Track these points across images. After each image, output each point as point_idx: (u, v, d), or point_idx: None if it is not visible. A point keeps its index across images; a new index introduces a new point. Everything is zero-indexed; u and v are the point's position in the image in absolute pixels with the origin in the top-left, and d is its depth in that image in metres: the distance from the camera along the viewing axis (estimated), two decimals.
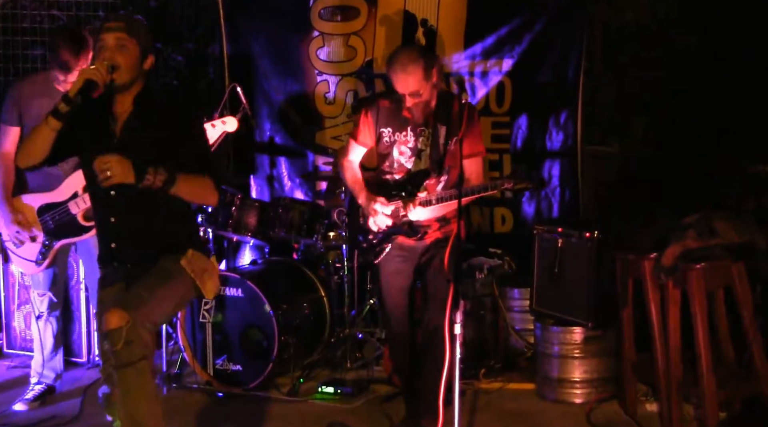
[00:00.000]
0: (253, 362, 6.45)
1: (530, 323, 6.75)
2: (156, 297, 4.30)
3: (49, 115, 4.25)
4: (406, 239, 5.34)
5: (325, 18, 8.07)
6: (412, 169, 5.30)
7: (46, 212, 5.90)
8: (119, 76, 4.27)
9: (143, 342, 4.19)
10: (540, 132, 7.44)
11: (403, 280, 5.46)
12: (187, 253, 4.47)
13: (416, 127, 5.28)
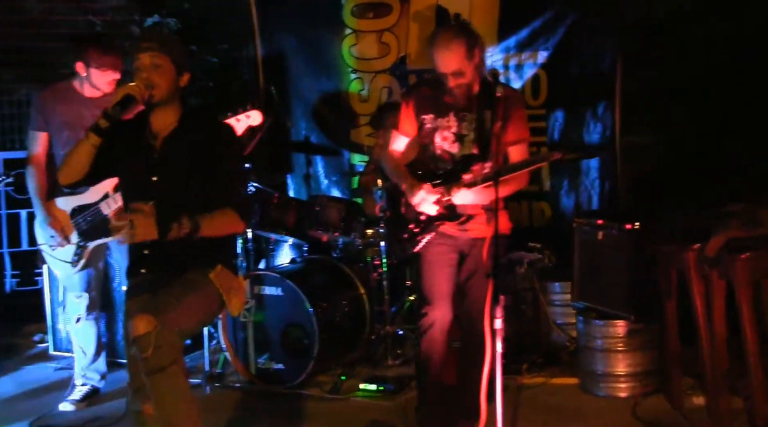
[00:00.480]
0: (295, 361, 6.45)
1: (572, 317, 6.70)
2: (183, 304, 4.31)
3: (89, 131, 4.31)
4: (449, 229, 5.23)
5: (358, 15, 8.07)
6: (457, 154, 5.18)
7: (79, 214, 5.94)
8: (158, 93, 4.33)
9: (172, 346, 4.20)
10: (577, 124, 7.38)
11: (446, 265, 5.28)
12: (216, 268, 4.48)
13: (459, 111, 5.15)
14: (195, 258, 4.46)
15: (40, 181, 6.10)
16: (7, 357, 7.59)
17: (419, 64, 7.81)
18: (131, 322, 4.19)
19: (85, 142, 4.34)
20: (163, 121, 4.47)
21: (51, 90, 6.17)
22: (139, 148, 4.43)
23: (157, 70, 4.33)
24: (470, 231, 5.21)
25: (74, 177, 4.46)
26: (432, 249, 5.29)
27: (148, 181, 4.36)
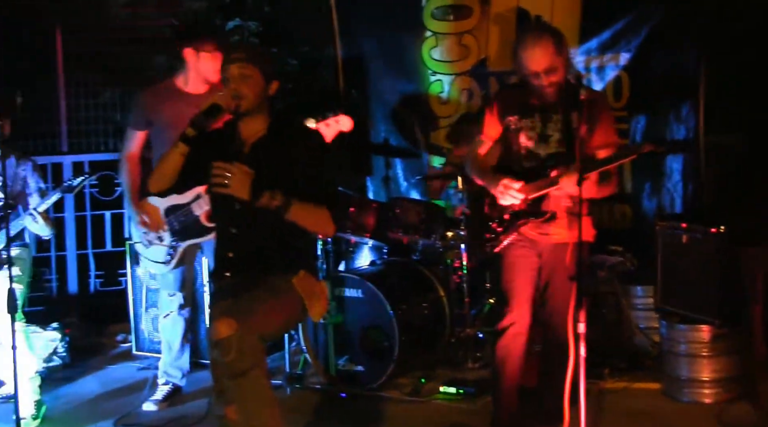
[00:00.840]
0: (375, 363, 6.46)
1: (654, 321, 6.61)
2: (265, 309, 4.35)
3: (178, 140, 4.39)
4: (531, 232, 5.22)
5: (438, 17, 8.06)
6: (542, 154, 5.16)
7: (172, 214, 6.02)
8: (245, 104, 4.39)
9: (254, 350, 4.23)
10: (660, 126, 7.28)
11: (527, 268, 5.26)
12: (299, 273, 4.51)
13: (544, 112, 5.14)
14: (278, 263, 4.50)
15: (133, 180, 6.20)
16: (91, 357, 7.71)
17: (499, 66, 7.78)
18: (213, 325, 4.23)
19: (174, 151, 4.41)
20: (252, 128, 4.52)
21: (154, 89, 6.26)
22: (227, 155, 4.47)
23: (246, 81, 4.39)
24: (552, 236, 5.19)
25: (163, 185, 4.55)
26: (513, 251, 5.29)
27: None
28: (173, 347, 6.43)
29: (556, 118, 5.11)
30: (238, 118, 4.49)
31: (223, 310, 4.36)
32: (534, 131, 5.17)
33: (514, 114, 5.23)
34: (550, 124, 5.13)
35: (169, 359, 6.44)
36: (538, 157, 5.17)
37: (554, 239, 5.18)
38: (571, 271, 4.66)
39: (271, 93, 4.51)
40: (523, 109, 5.20)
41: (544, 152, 5.15)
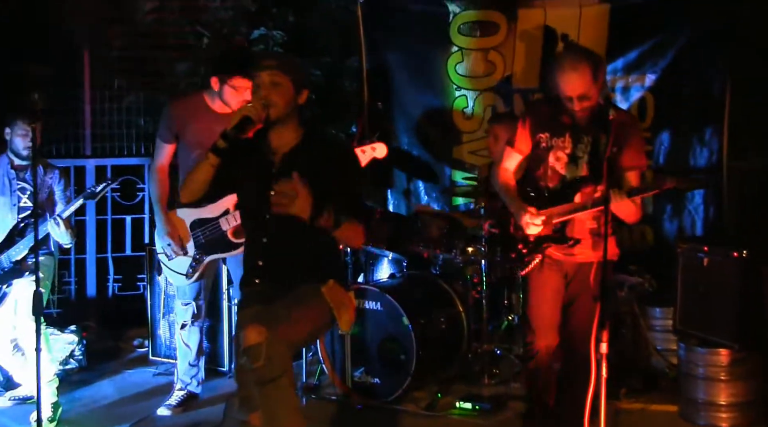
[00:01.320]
0: (391, 375, 6.46)
1: (672, 343, 6.59)
2: (294, 317, 4.36)
3: (209, 152, 4.39)
4: (556, 252, 5.22)
5: (465, 33, 8.08)
6: (567, 176, 5.16)
7: (198, 227, 6.03)
8: (275, 112, 4.38)
9: (283, 358, 4.24)
10: (683, 148, 7.29)
11: (554, 292, 5.27)
12: (328, 282, 4.52)
13: (575, 132, 5.13)
14: (308, 272, 4.51)
15: (163, 191, 6.22)
16: (108, 360, 7.73)
17: (525, 83, 7.80)
18: (243, 332, 4.24)
19: (205, 163, 4.42)
20: (282, 137, 4.52)
21: (183, 103, 6.24)
22: (258, 164, 4.50)
23: (276, 89, 4.39)
24: (577, 255, 5.19)
25: (195, 196, 4.56)
26: (540, 274, 5.28)
27: (265, 195, 4.36)
28: (188, 355, 6.44)
29: (587, 140, 5.11)
30: (269, 127, 4.49)
31: (252, 317, 4.37)
32: (564, 152, 5.17)
33: (546, 131, 5.22)
34: (581, 145, 5.13)
35: (184, 367, 6.45)
36: (563, 179, 5.18)
37: (579, 258, 5.19)
38: (595, 291, 4.66)
39: (301, 102, 4.50)
40: (555, 127, 5.19)
41: (572, 174, 5.15)
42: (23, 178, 6.42)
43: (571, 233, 5.16)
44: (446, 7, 8.11)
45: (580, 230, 5.16)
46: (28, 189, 6.41)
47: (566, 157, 5.16)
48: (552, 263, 5.25)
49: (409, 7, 8.33)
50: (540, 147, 5.24)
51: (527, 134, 5.29)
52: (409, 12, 8.31)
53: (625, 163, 5.05)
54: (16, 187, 6.41)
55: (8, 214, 6.38)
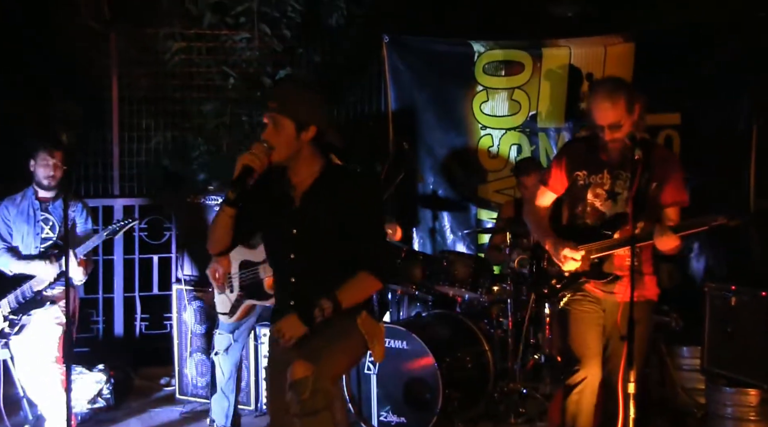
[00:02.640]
0: (417, 415, 6.45)
1: (700, 382, 6.56)
2: (335, 351, 4.38)
3: (223, 204, 4.37)
4: (594, 289, 5.19)
5: (489, 73, 8.13)
6: (607, 213, 5.14)
7: (245, 268, 6.03)
8: (276, 155, 4.31)
9: (327, 392, 4.26)
10: (709, 186, 7.26)
11: (595, 324, 5.19)
12: (362, 314, 4.51)
13: (613, 169, 5.11)
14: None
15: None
16: (135, 399, 7.75)
17: (550, 122, 7.84)
18: (290, 367, 4.26)
19: (222, 214, 4.39)
20: (300, 173, 4.45)
21: None
22: (279, 201, 4.49)
23: (276, 131, 4.32)
24: (616, 294, 5.13)
25: (221, 246, 4.53)
26: (580, 307, 5.23)
27: (289, 235, 4.38)
28: (219, 387, 6.41)
29: (625, 176, 5.07)
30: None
31: (294, 353, 4.38)
32: (603, 188, 5.14)
33: (583, 169, 5.20)
34: (619, 181, 5.09)
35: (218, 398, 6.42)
36: (603, 215, 5.15)
37: (618, 297, 5.11)
38: (623, 330, 4.64)
39: (307, 139, 4.34)
40: (593, 164, 5.17)
41: (611, 211, 5.12)
42: (46, 210, 6.53)
43: (610, 269, 5.13)
44: (471, 47, 8.17)
45: (619, 266, 5.12)
46: (50, 220, 6.50)
47: (605, 194, 5.14)
48: (592, 298, 5.21)
49: (434, 46, 8.40)
50: (578, 185, 5.22)
51: (563, 173, 5.27)
52: (434, 51, 8.38)
53: (666, 200, 5.03)
54: (39, 218, 6.50)
55: (32, 244, 6.46)
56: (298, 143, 4.33)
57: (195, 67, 9.27)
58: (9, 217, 6.55)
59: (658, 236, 4.85)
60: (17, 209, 6.54)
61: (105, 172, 9.10)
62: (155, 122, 9.26)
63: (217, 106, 9.26)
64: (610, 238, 5.06)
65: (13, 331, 6.36)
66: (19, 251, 6.49)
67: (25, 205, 6.54)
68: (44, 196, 6.55)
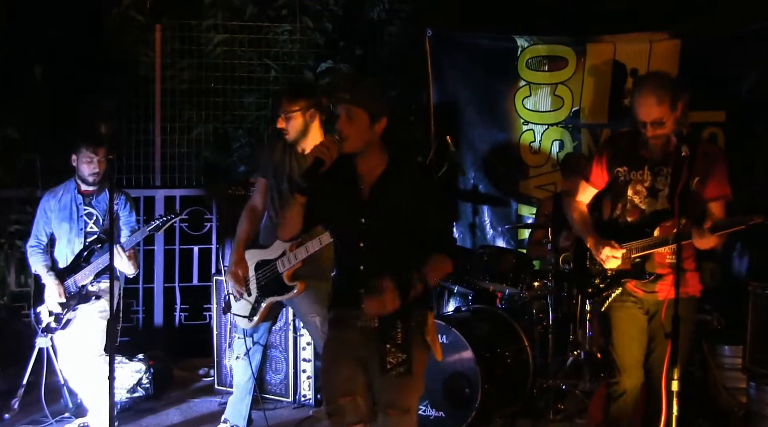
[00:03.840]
0: (456, 410, 6.44)
1: (742, 381, 6.49)
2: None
3: (295, 191, 4.44)
4: (636, 288, 5.16)
5: (533, 68, 8.10)
6: (647, 210, 5.10)
7: (261, 269, 6.02)
8: (349, 145, 4.38)
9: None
10: (753, 183, 7.20)
11: (638, 330, 5.18)
12: (429, 317, 4.54)
13: (654, 165, 5.07)
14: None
15: (246, 229, 6.12)
16: (174, 389, 7.81)
17: (593, 118, 7.80)
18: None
19: (294, 203, 4.45)
20: (369, 164, 4.49)
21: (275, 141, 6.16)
22: (347, 191, 4.54)
23: (350, 122, 4.37)
24: (658, 293, 5.09)
25: (293, 232, 4.58)
26: (622, 310, 5.21)
27: (357, 224, 4.45)
28: (239, 388, 6.43)
29: (666, 172, 5.03)
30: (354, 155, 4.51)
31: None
32: (643, 185, 5.10)
33: (624, 165, 5.16)
34: (660, 178, 5.05)
35: (235, 399, 6.44)
36: (642, 212, 5.11)
37: (660, 295, 5.06)
38: (667, 328, 4.60)
39: (379, 130, 4.42)
40: (634, 160, 5.13)
41: (650, 208, 5.08)
42: (90, 204, 6.54)
43: (651, 268, 5.09)
44: (515, 42, 8.14)
45: (660, 264, 5.09)
46: (94, 214, 6.52)
47: (645, 191, 5.10)
48: (635, 298, 5.18)
49: (477, 41, 8.37)
50: (618, 181, 5.19)
51: (603, 169, 5.25)
52: (477, 46, 8.35)
53: (710, 195, 4.99)
54: (83, 213, 6.52)
55: (75, 239, 6.49)
56: (371, 134, 4.39)
57: (237, 59, 9.30)
58: (51, 210, 6.57)
59: (697, 237, 4.81)
60: (59, 204, 6.56)
61: (147, 163, 9.15)
62: (197, 114, 9.30)
63: (258, 98, 9.30)
64: (651, 236, 5.02)
65: (59, 325, 6.41)
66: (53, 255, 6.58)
67: (67, 199, 6.55)
68: (87, 189, 6.56)
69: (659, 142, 4.98)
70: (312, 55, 9.44)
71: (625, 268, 5.09)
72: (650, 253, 5.06)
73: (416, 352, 4.40)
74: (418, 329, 4.42)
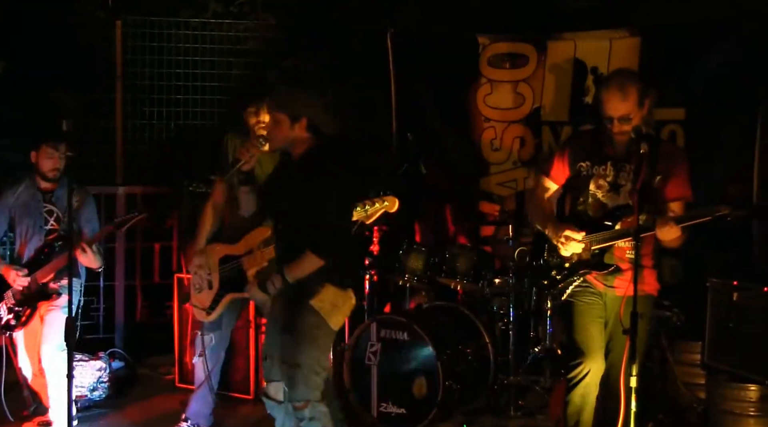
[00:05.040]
0: (417, 406, 6.45)
1: (700, 377, 6.54)
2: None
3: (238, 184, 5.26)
4: (596, 280, 5.21)
5: (494, 65, 8.11)
6: (609, 205, 5.16)
7: (226, 263, 6.00)
8: (272, 144, 5.16)
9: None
10: (714, 181, 7.24)
11: (598, 314, 5.22)
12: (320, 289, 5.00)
13: (618, 161, 5.13)
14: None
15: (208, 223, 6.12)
16: (135, 387, 7.77)
17: (553, 115, 7.81)
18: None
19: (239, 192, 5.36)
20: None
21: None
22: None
23: (274, 125, 5.05)
24: (617, 289, 5.15)
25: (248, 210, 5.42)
26: (583, 298, 5.26)
27: (275, 212, 5.26)
28: (202, 386, 6.40)
29: (629, 169, 5.09)
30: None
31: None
32: (605, 180, 5.17)
33: (587, 160, 5.23)
34: (623, 174, 5.12)
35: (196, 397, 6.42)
36: (605, 206, 5.16)
37: (618, 291, 5.13)
38: (626, 324, 4.64)
39: (300, 130, 4.99)
40: (597, 155, 5.20)
41: (613, 202, 5.14)
42: (50, 201, 6.49)
43: (610, 260, 5.15)
44: (476, 39, 8.14)
45: (619, 259, 5.14)
46: (54, 211, 6.48)
47: (607, 186, 5.17)
48: (595, 292, 5.24)
49: (438, 38, 8.37)
50: (581, 175, 5.25)
51: (565, 165, 5.32)
52: (439, 43, 8.35)
53: (670, 194, 5.06)
54: (42, 210, 6.47)
55: (35, 236, 6.44)
56: (293, 133, 5.00)
57: (199, 56, 9.27)
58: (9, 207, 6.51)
59: (660, 226, 4.86)
60: (18, 201, 6.51)
61: (108, 160, 9.09)
62: (158, 111, 9.27)
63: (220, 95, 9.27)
64: (612, 229, 5.06)
65: (19, 322, 6.36)
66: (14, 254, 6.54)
67: (26, 196, 6.50)
68: (47, 186, 6.51)
69: (624, 138, 5.05)
70: (275, 52, 9.42)
71: (585, 258, 5.14)
72: (610, 246, 5.11)
73: (301, 313, 4.94)
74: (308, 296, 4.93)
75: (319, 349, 4.99)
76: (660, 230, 4.87)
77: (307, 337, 4.93)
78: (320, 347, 4.99)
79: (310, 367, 4.92)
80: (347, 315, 5.17)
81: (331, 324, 4.99)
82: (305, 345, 4.93)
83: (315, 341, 4.95)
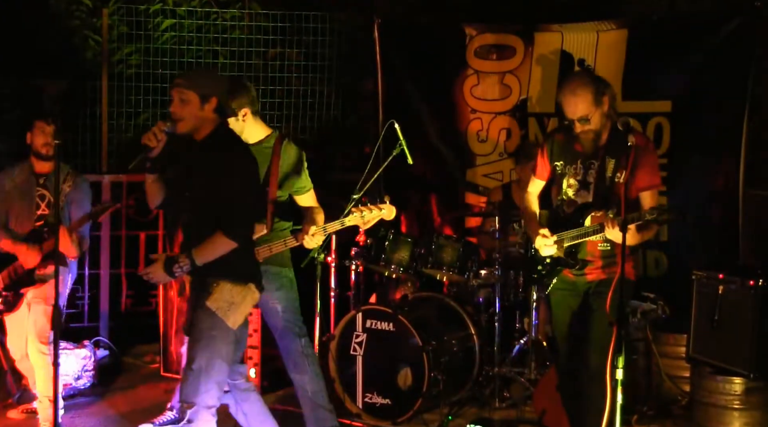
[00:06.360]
0: (402, 397, 6.46)
1: (685, 370, 6.59)
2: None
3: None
4: (568, 272, 5.31)
5: (481, 56, 8.09)
6: (579, 202, 5.25)
7: None
8: (182, 125, 4.81)
9: None
10: (700, 174, 7.27)
11: (567, 310, 5.38)
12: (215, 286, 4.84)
13: (586, 159, 5.23)
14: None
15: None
16: (120, 376, 7.77)
17: (540, 107, 7.81)
18: None
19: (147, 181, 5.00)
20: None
21: None
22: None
23: (182, 104, 4.80)
24: (588, 275, 5.27)
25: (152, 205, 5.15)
26: (557, 293, 5.41)
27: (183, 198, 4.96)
28: None
29: (596, 165, 5.21)
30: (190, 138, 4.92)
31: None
32: (576, 178, 5.28)
33: (560, 159, 5.34)
34: (591, 171, 5.23)
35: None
36: (576, 204, 5.27)
37: (589, 277, 5.27)
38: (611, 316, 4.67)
39: (210, 110, 4.82)
40: (568, 155, 5.31)
41: (583, 199, 5.25)
42: (43, 185, 6.45)
43: (583, 255, 5.26)
44: (463, 30, 8.13)
45: (591, 251, 5.25)
46: (46, 196, 6.44)
47: (577, 184, 5.28)
48: (566, 284, 5.37)
49: (426, 29, 8.36)
50: (557, 174, 5.39)
51: (546, 162, 5.44)
52: (425, 34, 8.34)
53: (640, 184, 5.13)
54: (35, 194, 6.43)
55: (26, 220, 6.40)
56: (203, 113, 4.82)
57: (185, 45, 9.25)
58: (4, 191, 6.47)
59: (608, 229, 4.97)
60: (13, 184, 6.47)
61: (93, 148, 9.06)
62: (144, 99, 9.24)
63: None
64: (582, 226, 5.17)
65: (6, 308, 6.33)
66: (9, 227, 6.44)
67: (21, 179, 6.46)
68: (42, 169, 6.46)
69: (589, 136, 5.18)
70: (261, 40, 9.41)
71: (559, 255, 5.27)
72: (583, 242, 5.22)
73: (199, 314, 4.80)
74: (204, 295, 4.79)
75: (215, 352, 4.77)
76: (608, 232, 4.98)
77: (203, 340, 4.76)
78: (216, 350, 4.77)
79: (200, 369, 4.75)
80: (249, 310, 4.97)
81: (229, 323, 4.80)
82: (199, 348, 4.76)
83: (209, 344, 4.76)
